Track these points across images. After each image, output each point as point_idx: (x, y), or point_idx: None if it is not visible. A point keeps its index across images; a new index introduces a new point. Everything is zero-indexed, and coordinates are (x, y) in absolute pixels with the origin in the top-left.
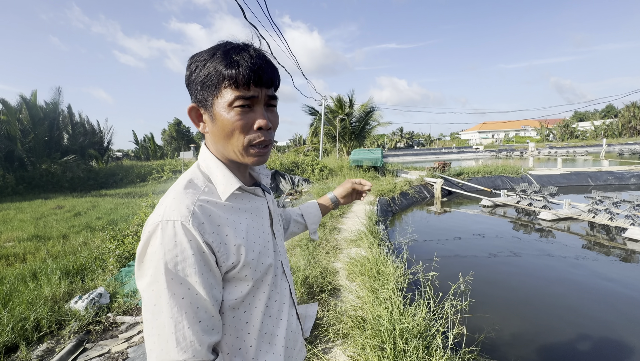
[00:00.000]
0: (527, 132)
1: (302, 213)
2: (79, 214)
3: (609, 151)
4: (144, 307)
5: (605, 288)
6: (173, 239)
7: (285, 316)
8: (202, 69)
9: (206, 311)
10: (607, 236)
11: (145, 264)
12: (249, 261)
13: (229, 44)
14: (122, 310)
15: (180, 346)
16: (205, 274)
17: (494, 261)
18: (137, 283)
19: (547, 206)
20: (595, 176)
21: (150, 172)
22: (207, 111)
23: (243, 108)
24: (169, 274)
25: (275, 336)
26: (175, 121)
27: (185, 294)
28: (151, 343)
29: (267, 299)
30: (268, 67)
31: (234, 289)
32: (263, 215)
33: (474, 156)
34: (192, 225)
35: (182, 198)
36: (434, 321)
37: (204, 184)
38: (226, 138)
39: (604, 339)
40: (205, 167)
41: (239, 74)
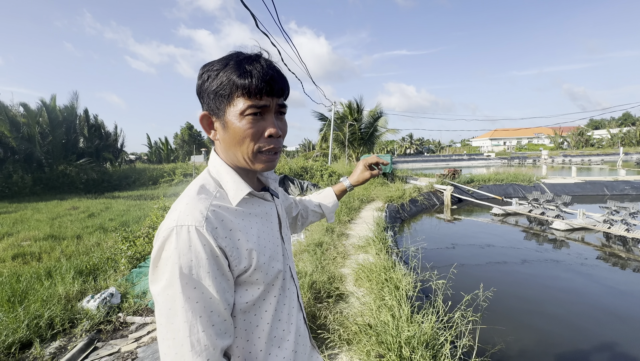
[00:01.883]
0: (540, 140)
1: (320, 203)
2: (92, 215)
3: (626, 160)
4: (158, 311)
5: (620, 301)
6: (187, 244)
7: (294, 321)
8: (215, 79)
9: (219, 315)
10: (624, 247)
11: (159, 269)
12: (260, 265)
13: (241, 54)
14: (133, 310)
15: (194, 350)
16: (218, 278)
17: (504, 271)
18: (150, 287)
19: (561, 215)
20: (612, 185)
21: (162, 175)
22: (219, 119)
23: (254, 116)
24: (184, 279)
25: (286, 341)
26: (187, 125)
27: (200, 298)
28: (165, 346)
29: (277, 303)
30: (279, 78)
31: (245, 293)
32: (272, 219)
33: (485, 164)
34: (206, 230)
35: (195, 203)
36: (442, 331)
37: (215, 190)
38: (237, 145)
39: (615, 354)
40: (216, 173)
41: (252, 84)
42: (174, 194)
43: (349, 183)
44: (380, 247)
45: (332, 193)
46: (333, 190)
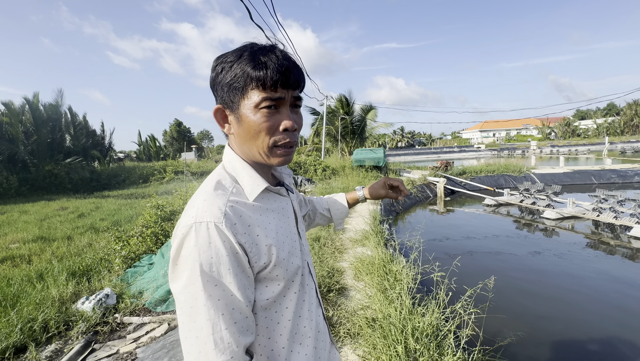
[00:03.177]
0: (528, 131)
1: (330, 207)
2: (82, 216)
3: (611, 149)
4: (180, 309)
5: (610, 285)
6: (207, 241)
7: (314, 317)
8: (229, 71)
9: (241, 312)
10: (612, 234)
11: (179, 267)
12: (280, 261)
13: (255, 45)
14: (129, 311)
15: (218, 348)
16: (239, 275)
17: (500, 260)
18: (170, 285)
19: (551, 205)
20: (599, 174)
21: (152, 173)
22: (233, 113)
23: (269, 109)
24: (205, 276)
25: (307, 337)
26: (176, 122)
27: (221, 295)
28: (189, 345)
29: (297, 299)
30: (294, 69)
31: (265, 290)
32: (289, 215)
33: (475, 155)
34: (225, 226)
35: (213, 199)
36: (445, 321)
37: (232, 185)
38: (252, 139)
39: (609, 339)
40: (231, 169)
41: (267, 75)
42: (165, 192)
43: (362, 194)
44: (377, 240)
45: (344, 199)
46: (345, 196)
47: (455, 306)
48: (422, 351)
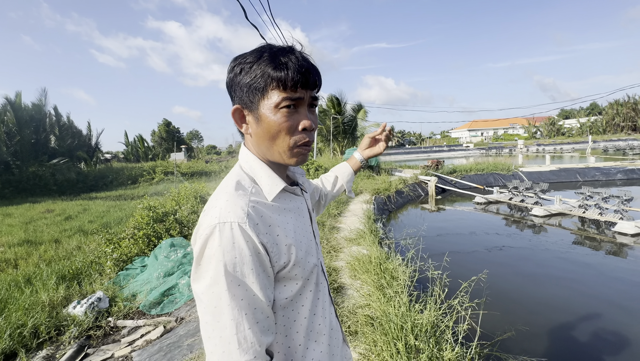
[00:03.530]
0: (515, 130)
1: (337, 175)
2: (70, 218)
3: (594, 148)
4: (203, 310)
5: (597, 280)
6: (231, 241)
7: (327, 315)
8: (249, 72)
9: (262, 311)
10: (597, 230)
11: (202, 267)
12: (298, 260)
13: (274, 46)
14: (123, 314)
15: (242, 348)
16: (261, 275)
17: (491, 257)
18: (193, 285)
19: (539, 202)
20: (584, 172)
21: (141, 174)
22: (252, 113)
23: (289, 109)
24: (229, 276)
25: (322, 335)
26: (164, 122)
27: (244, 295)
28: (212, 345)
29: (312, 297)
30: (313, 70)
31: (284, 289)
32: (304, 214)
33: (464, 154)
34: (249, 226)
35: (235, 200)
36: (442, 317)
37: (251, 186)
38: (271, 139)
39: (597, 329)
40: (249, 169)
41: (288, 76)
42: (155, 194)
43: (360, 157)
44: (372, 239)
45: (348, 166)
46: (347, 163)
47: (452, 302)
48: (422, 348)
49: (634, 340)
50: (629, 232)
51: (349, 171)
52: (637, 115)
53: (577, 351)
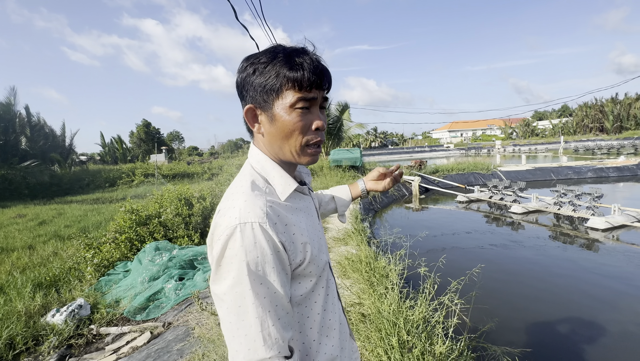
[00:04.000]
0: (492, 131)
1: (334, 196)
2: (43, 223)
3: (566, 148)
4: (226, 310)
5: (572, 273)
6: (253, 241)
7: (337, 310)
8: (263, 71)
9: (283, 308)
10: (572, 226)
11: (224, 268)
12: (313, 258)
13: (287, 47)
14: (106, 321)
15: (267, 344)
16: (281, 273)
17: (475, 253)
18: (213, 287)
19: (517, 200)
20: (557, 171)
21: (119, 176)
22: (265, 112)
23: (303, 110)
24: (252, 275)
25: (333, 329)
26: (144, 123)
27: (267, 293)
28: (237, 344)
29: (324, 294)
30: (326, 71)
31: (298, 286)
32: (313, 213)
33: (445, 154)
34: (269, 226)
35: (254, 200)
36: (432, 313)
37: (265, 185)
38: (285, 138)
39: (573, 318)
40: (261, 169)
41: (304, 77)
42: (136, 196)
43: (364, 187)
44: (360, 238)
45: (348, 190)
46: (348, 188)
47: (442, 298)
48: (414, 343)
49: (604, 325)
50: (600, 227)
51: (347, 198)
52: (604, 117)
53: (555, 339)
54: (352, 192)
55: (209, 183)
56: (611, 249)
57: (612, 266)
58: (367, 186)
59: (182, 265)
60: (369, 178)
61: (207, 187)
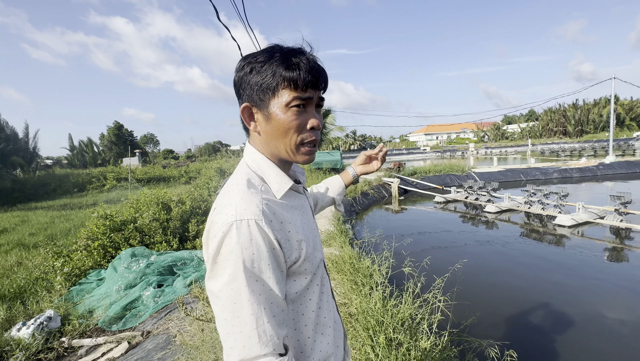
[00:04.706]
0: (466, 134)
1: (329, 187)
2: (5, 231)
3: (533, 150)
4: (221, 307)
5: (542, 265)
6: (249, 238)
7: (331, 308)
8: (260, 71)
9: (278, 305)
10: (541, 223)
11: (220, 264)
12: (308, 255)
13: (284, 47)
14: (79, 333)
15: (262, 341)
16: (276, 270)
17: (455, 252)
18: (209, 283)
19: (491, 200)
20: (526, 172)
21: (90, 181)
22: (261, 111)
23: (299, 109)
24: (247, 272)
25: (328, 327)
26: (115, 125)
27: (262, 290)
28: (232, 340)
29: (319, 291)
30: (323, 71)
31: (293, 284)
32: (308, 212)
33: (422, 157)
34: (265, 223)
35: (250, 197)
36: (417, 310)
37: (260, 184)
38: (280, 137)
39: (546, 309)
40: (257, 167)
41: (300, 76)
42: (108, 201)
43: (354, 173)
44: (343, 240)
45: (340, 179)
46: (340, 177)
47: (426, 296)
48: (400, 339)
49: (573, 313)
50: (566, 224)
51: (341, 185)
52: (567, 121)
53: (530, 329)
54: (344, 179)
55: (186, 187)
56: (577, 244)
57: (578, 259)
58: (357, 171)
59: (161, 271)
60: (357, 163)
61: (185, 191)
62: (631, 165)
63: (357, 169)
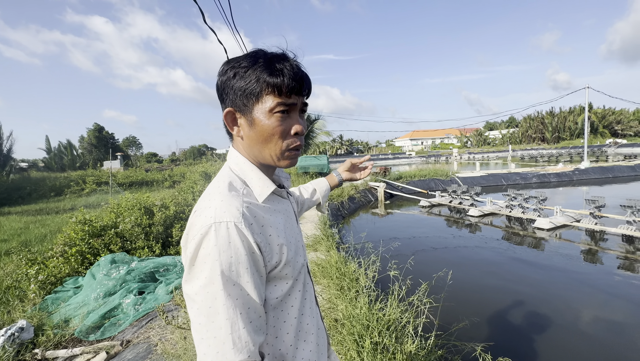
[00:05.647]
0: (450, 140)
1: (315, 188)
2: None
3: (513, 156)
4: (196, 311)
5: (522, 267)
6: (227, 240)
7: (314, 314)
8: (244, 76)
9: (255, 311)
10: (521, 226)
11: (197, 267)
12: (289, 260)
13: (268, 52)
14: (53, 344)
15: (236, 348)
16: (254, 274)
17: (440, 255)
18: (185, 286)
19: (474, 204)
20: (507, 176)
21: (68, 184)
22: (245, 116)
23: (282, 114)
24: (224, 276)
25: (311, 334)
26: (95, 127)
27: (239, 295)
28: (206, 346)
29: (301, 297)
30: (306, 77)
31: (274, 289)
32: (291, 216)
33: (408, 162)
34: (244, 226)
35: (230, 200)
36: (402, 313)
37: (242, 187)
38: (264, 142)
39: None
40: (239, 171)
41: (284, 82)
42: (88, 205)
43: (340, 177)
44: (329, 244)
45: (326, 181)
46: (326, 180)
47: (411, 299)
48: (386, 343)
49: (551, 312)
50: (545, 227)
51: (327, 187)
52: (545, 128)
53: (512, 329)
54: (330, 182)
55: (170, 191)
56: (555, 246)
57: (556, 261)
58: (343, 176)
59: (142, 278)
60: (343, 169)
61: (169, 195)
62: (604, 170)
63: (343, 174)
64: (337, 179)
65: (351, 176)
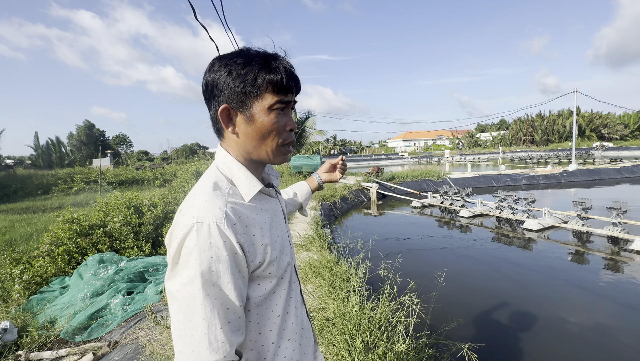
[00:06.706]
0: (442, 141)
1: (296, 191)
2: None
3: (504, 158)
4: (176, 308)
5: (511, 268)
6: (208, 240)
7: (299, 313)
8: (241, 73)
9: (234, 312)
10: (511, 227)
11: (179, 265)
12: (273, 259)
13: (260, 51)
14: (38, 345)
15: (212, 347)
16: (236, 275)
17: (430, 255)
18: (167, 283)
19: (465, 205)
20: (497, 178)
21: (55, 182)
22: (242, 113)
23: (279, 111)
24: (204, 275)
25: (295, 333)
26: (85, 124)
27: (218, 295)
28: (182, 344)
29: (286, 296)
30: (297, 76)
31: (258, 287)
32: (279, 215)
33: (400, 162)
34: (227, 226)
35: (214, 200)
36: (394, 313)
37: (228, 186)
38: (261, 139)
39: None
40: (226, 170)
41: (282, 80)
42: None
43: (320, 180)
44: (321, 244)
45: (307, 184)
46: (306, 182)
47: (402, 298)
48: (376, 343)
49: (540, 313)
50: (533, 228)
51: (307, 190)
52: (534, 131)
53: (502, 329)
54: (310, 185)
55: (161, 190)
56: (543, 247)
57: (544, 262)
58: (322, 178)
59: (131, 278)
60: (323, 171)
61: (159, 194)
62: (591, 173)
63: (322, 176)
64: (317, 181)
65: (330, 178)
